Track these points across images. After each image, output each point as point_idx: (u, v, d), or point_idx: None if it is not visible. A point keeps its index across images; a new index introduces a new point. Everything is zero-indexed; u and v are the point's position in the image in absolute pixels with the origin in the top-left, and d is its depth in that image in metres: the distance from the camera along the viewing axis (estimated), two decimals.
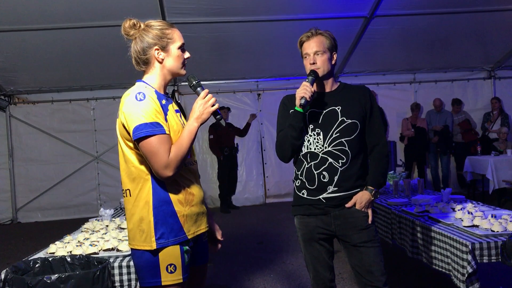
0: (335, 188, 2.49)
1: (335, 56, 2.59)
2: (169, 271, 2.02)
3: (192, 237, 2.09)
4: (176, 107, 2.18)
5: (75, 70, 7.93)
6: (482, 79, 9.34)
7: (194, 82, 2.13)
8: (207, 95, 2.06)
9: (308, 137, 2.54)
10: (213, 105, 2.06)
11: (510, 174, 7.32)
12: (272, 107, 8.92)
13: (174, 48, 2.09)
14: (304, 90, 2.41)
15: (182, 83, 8.67)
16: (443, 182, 8.89)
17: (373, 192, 2.53)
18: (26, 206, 8.71)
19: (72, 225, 4.91)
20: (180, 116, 2.17)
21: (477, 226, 3.02)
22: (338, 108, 2.52)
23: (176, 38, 2.09)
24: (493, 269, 4.25)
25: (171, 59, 2.09)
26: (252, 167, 9.10)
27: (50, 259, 2.71)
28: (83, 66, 7.80)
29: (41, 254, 2.97)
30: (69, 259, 2.71)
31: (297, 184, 2.61)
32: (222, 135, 8.47)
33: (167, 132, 1.98)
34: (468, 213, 3.32)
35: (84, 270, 2.55)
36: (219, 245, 2.41)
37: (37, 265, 2.65)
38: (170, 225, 2.02)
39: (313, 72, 2.48)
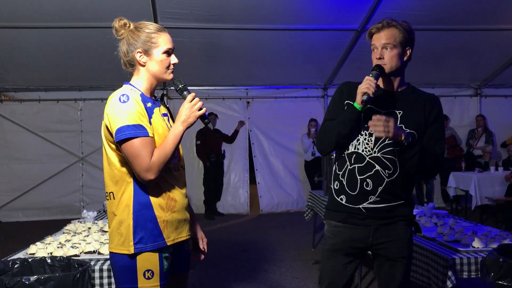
0: (378, 199, 2.25)
1: (408, 52, 2.29)
2: (147, 277, 1.99)
3: (172, 244, 2.06)
4: (164, 111, 2.15)
5: (64, 70, 7.87)
6: (469, 96, 9.48)
7: (180, 86, 2.10)
8: (193, 98, 2.04)
9: (358, 136, 2.28)
10: (200, 109, 2.03)
11: (493, 191, 7.42)
12: (261, 115, 8.98)
13: (157, 52, 2.05)
14: (368, 85, 2.16)
15: (171, 88, 8.65)
16: (426, 197, 8.96)
17: (407, 135, 2.13)
18: (8, 205, 8.58)
19: (54, 226, 4.85)
20: (168, 120, 2.15)
21: (458, 241, 3.05)
22: (399, 113, 2.27)
23: (162, 43, 2.05)
24: (473, 285, 4.29)
25: (154, 63, 2.05)
26: (239, 174, 9.09)
27: (29, 260, 2.68)
28: (72, 66, 7.75)
29: (20, 255, 2.94)
30: (49, 261, 2.68)
31: (335, 187, 2.35)
32: (209, 141, 8.45)
33: (150, 135, 1.96)
34: (450, 228, 3.35)
35: (64, 272, 2.53)
36: (202, 256, 2.34)
37: (16, 266, 2.62)
38: (149, 230, 1.99)
39: (378, 67, 2.22)
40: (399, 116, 2.27)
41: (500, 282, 2.49)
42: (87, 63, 7.60)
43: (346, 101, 2.31)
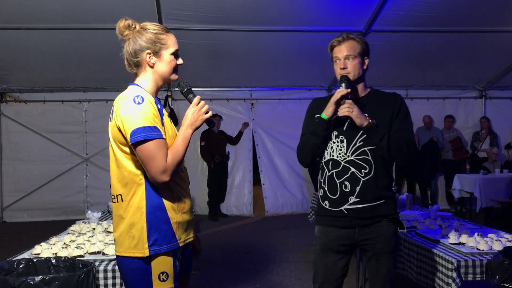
0: (357, 199, 2.41)
1: (366, 61, 2.51)
2: (161, 279, 1.96)
3: (182, 245, 2.05)
4: (166, 112, 2.16)
5: (69, 71, 7.91)
6: (474, 98, 9.46)
7: (185, 89, 2.09)
8: (199, 102, 2.04)
9: (331, 144, 2.48)
10: (206, 113, 2.04)
11: (498, 193, 7.39)
12: (265, 116, 8.98)
13: (166, 53, 2.04)
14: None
15: (176, 89, 8.65)
16: (431, 199, 8.93)
17: (371, 122, 2.37)
18: (13, 206, 8.62)
19: (58, 227, 4.87)
20: (170, 121, 2.15)
21: (463, 243, 3.04)
22: (365, 115, 2.42)
23: (170, 44, 2.05)
24: (478, 287, 4.27)
25: (163, 64, 2.05)
26: (243, 176, 9.09)
27: (34, 260, 2.68)
28: (77, 67, 7.78)
29: (25, 255, 2.94)
30: (54, 261, 2.69)
31: (320, 194, 2.55)
32: (213, 142, 8.46)
33: (164, 136, 1.95)
34: (455, 230, 3.34)
35: (69, 273, 2.53)
36: (198, 256, 2.34)
37: (21, 266, 2.63)
38: (163, 232, 1.97)
39: (346, 78, 2.42)
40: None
41: (505, 284, 2.48)
42: (92, 64, 7.63)
43: (316, 115, 2.52)
